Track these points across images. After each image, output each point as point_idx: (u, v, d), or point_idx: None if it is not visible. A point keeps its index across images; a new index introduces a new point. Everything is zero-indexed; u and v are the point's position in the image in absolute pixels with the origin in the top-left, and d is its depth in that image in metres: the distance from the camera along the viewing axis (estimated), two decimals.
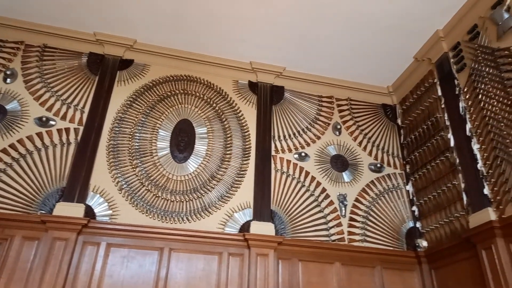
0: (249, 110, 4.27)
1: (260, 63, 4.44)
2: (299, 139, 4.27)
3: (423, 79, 4.21)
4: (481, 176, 3.25)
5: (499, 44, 3.24)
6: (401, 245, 3.93)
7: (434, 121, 3.95)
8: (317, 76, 4.62)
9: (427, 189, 3.95)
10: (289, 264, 3.53)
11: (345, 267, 3.64)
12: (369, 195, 4.13)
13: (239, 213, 3.71)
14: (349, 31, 3.96)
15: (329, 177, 4.13)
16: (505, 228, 2.90)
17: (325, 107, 4.56)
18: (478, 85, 3.41)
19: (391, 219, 4.05)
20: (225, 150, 4.00)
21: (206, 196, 3.73)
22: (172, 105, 4.11)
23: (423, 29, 3.88)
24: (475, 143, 3.38)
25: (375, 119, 4.65)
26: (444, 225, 3.65)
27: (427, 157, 4.01)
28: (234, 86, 4.39)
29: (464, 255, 3.29)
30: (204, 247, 3.42)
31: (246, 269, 3.39)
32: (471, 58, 3.54)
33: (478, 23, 3.49)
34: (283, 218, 3.78)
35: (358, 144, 4.43)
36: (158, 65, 4.27)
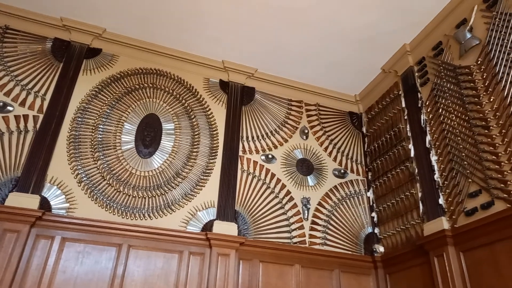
0: (218, 109, 4.25)
1: (232, 63, 4.43)
2: (267, 141, 4.30)
3: (388, 90, 4.36)
4: (437, 186, 3.40)
5: (461, 62, 3.41)
6: (359, 249, 4.04)
7: (396, 132, 4.10)
8: (288, 80, 4.67)
9: (387, 197, 4.09)
10: (249, 265, 3.54)
11: (304, 269, 3.70)
12: (331, 199, 4.22)
13: (202, 212, 3.67)
14: (321, 39, 4.03)
15: (294, 180, 4.18)
16: (457, 237, 3.06)
17: (294, 111, 4.62)
18: (439, 99, 3.58)
19: (351, 224, 4.16)
20: (192, 148, 3.95)
21: (169, 193, 3.67)
22: (140, 98, 4.01)
23: (392, 42, 4.02)
24: (433, 154, 3.54)
25: (341, 126, 4.76)
26: (400, 231, 3.79)
27: (388, 166, 4.15)
28: (204, 84, 4.35)
29: (417, 261, 3.44)
30: (164, 245, 3.36)
31: (206, 268, 3.36)
32: (434, 73, 3.71)
33: (443, 41, 3.67)
34: (246, 219, 3.79)
35: (324, 149, 4.51)
36: (127, 57, 4.16)
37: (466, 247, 2.98)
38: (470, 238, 2.94)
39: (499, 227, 2.72)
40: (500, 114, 2.93)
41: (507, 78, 2.90)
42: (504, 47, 2.97)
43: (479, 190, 2.99)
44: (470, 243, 2.95)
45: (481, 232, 2.85)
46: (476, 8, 3.31)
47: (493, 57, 3.05)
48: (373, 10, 3.65)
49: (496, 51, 3.04)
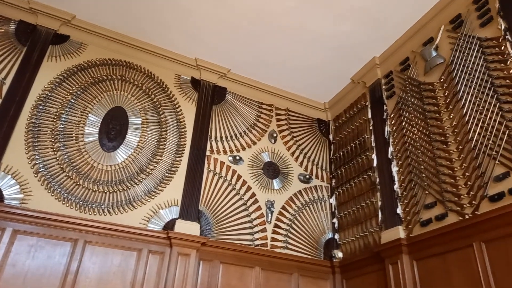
0: (188, 106, 4.20)
1: (205, 61, 4.39)
2: (236, 142, 4.29)
3: (356, 101, 4.48)
4: (396, 196, 3.53)
5: (425, 79, 3.56)
6: (318, 254, 4.11)
7: (361, 141, 4.21)
8: (260, 83, 4.69)
9: (348, 204, 4.20)
10: (210, 266, 3.51)
11: (264, 272, 3.72)
12: (295, 204, 4.28)
13: (165, 210, 3.61)
14: (295, 45, 4.08)
15: (260, 183, 4.20)
16: (411, 246, 3.18)
17: (264, 114, 4.65)
18: (403, 113, 3.71)
19: (313, 229, 4.23)
20: (159, 144, 3.88)
21: (132, 189, 3.58)
22: (107, 90, 3.89)
23: (362, 54, 4.14)
24: (395, 165, 3.67)
25: (309, 132, 4.84)
26: (359, 238, 3.90)
27: (351, 174, 4.26)
28: (176, 80, 4.29)
29: (373, 268, 3.54)
30: (123, 242, 3.27)
31: (165, 268, 3.30)
32: (400, 87, 3.85)
33: (410, 57, 3.82)
34: (209, 219, 3.76)
35: (291, 154, 4.57)
36: (97, 46, 4.03)
37: (420, 256, 3.10)
38: (424, 248, 3.07)
39: (451, 238, 2.85)
40: (458, 131, 3.08)
41: (466, 97, 3.06)
42: (466, 67, 3.13)
43: (435, 202, 3.13)
44: (423, 252, 3.07)
45: (434, 242, 2.98)
46: (443, 28, 3.48)
47: (455, 76, 3.21)
48: (346, 20, 3.74)
49: (458, 70, 3.20)
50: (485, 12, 3.09)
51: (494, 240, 2.57)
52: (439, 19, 3.52)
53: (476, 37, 3.11)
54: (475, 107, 2.96)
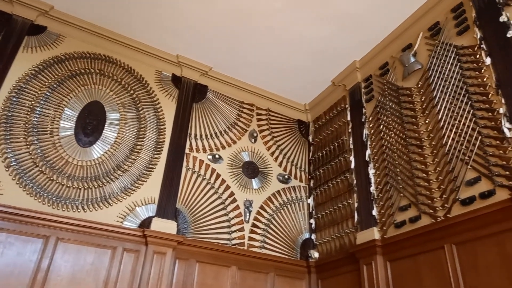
0: (168, 103, 4.15)
1: (187, 58, 4.35)
2: (215, 140, 4.27)
3: (336, 103, 4.54)
4: (372, 198, 3.59)
5: (403, 84, 3.64)
6: (295, 254, 4.14)
7: (340, 143, 4.27)
8: (242, 82, 4.68)
9: (325, 205, 4.24)
10: (186, 265, 3.48)
11: (241, 272, 3.72)
12: (273, 204, 4.29)
13: (141, 207, 3.56)
14: (277, 46, 4.10)
15: (239, 182, 4.19)
16: (385, 247, 3.25)
17: (245, 114, 4.64)
18: (381, 116, 3.78)
19: (290, 229, 4.26)
20: (137, 141, 3.81)
21: (108, 186, 3.51)
22: (84, 84, 3.80)
23: (343, 57, 4.19)
24: (372, 168, 3.74)
25: (289, 133, 4.87)
26: (335, 239, 3.95)
27: (329, 175, 4.31)
28: (156, 76, 4.23)
29: (348, 268, 3.60)
30: (97, 239, 3.20)
31: (140, 266, 3.25)
32: (379, 91, 3.92)
33: (389, 62, 3.89)
34: (187, 218, 3.73)
35: (270, 154, 4.58)
36: (75, 39, 3.93)
37: (393, 257, 3.17)
38: (397, 249, 3.14)
39: (424, 240, 2.92)
40: (433, 135, 3.16)
41: (442, 103, 3.15)
42: (442, 74, 3.22)
43: (409, 205, 3.20)
44: (396, 254, 3.14)
45: (408, 244, 3.05)
46: (421, 35, 3.56)
47: (432, 82, 3.30)
48: (329, 24, 3.78)
49: (435, 77, 3.28)
50: (462, 21, 3.18)
51: (464, 243, 2.65)
52: (418, 26, 3.60)
53: (453, 45, 3.20)
54: (450, 113, 3.05)
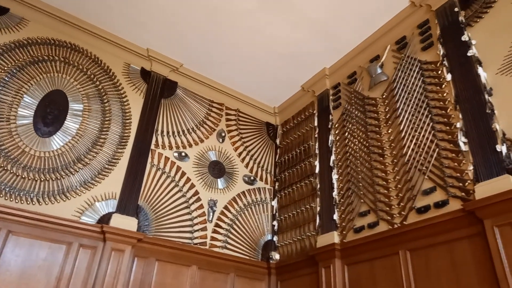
0: (136, 97, 4.05)
1: (157, 53, 4.27)
2: (182, 138, 4.22)
3: (305, 108, 4.61)
4: (334, 203, 3.68)
5: (369, 94, 3.76)
6: (256, 255, 4.17)
7: (306, 148, 4.34)
8: (212, 81, 4.66)
9: (289, 207, 4.30)
10: (145, 263, 3.41)
11: (201, 271, 3.69)
12: (238, 204, 4.30)
13: (101, 203, 3.45)
14: (250, 48, 4.11)
15: (204, 181, 4.16)
16: (344, 251, 3.33)
17: (214, 113, 4.62)
18: (347, 124, 3.89)
19: (253, 230, 4.28)
20: (100, 134, 3.69)
21: (66, 178, 3.37)
22: (47, 71, 3.64)
23: (313, 63, 4.26)
24: (335, 173, 3.83)
25: (257, 135, 4.89)
26: (296, 241, 4.01)
27: (294, 178, 4.37)
28: (124, 69, 4.12)
29: (307, 271, 3.66)
30: (52, 234, 3.07)
31: (96, 263, 3.15)
32: (346, 99, 4.02)
33: (358, 71, 4.01)
34: (149, 215, 3.65)
35: (237, 154, 4.58)
36: (40, 24, 3.75)
37: (351, 261, 3.26)
38: (355, 253, 3.23)
39: (380, 245, 3.03)
40: (394, 145, 3.29)
41: (404, 114, 3.28)
42: (406, 86, 3.35)
43: (368, 211, 3.30)
44: (354, 258, 3.23)
45: (365, 248, 3.15)
46: (389, 47, 3.69)
47: (396, 94, 3.43)
48: (301, 29, 3.84)
49: (399, 89, 3.41)
50: (427, 37, 3.33)
51: (417, 249, 2.77)
52: (387, 38, 3.73)
53: (417, 59, 3.34)
54: (411, 125, 3.18)
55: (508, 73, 2.64)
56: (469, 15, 3.03)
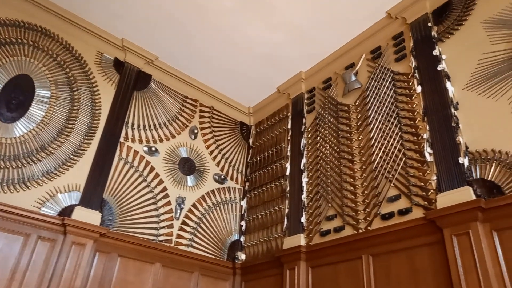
0: (107, 88, 3.94)
1: (133, 44, 4.17)
2: (153, 132, 4.14)
3: (279, 110, 4.63)
4: (302, 206, 3.71)
5: (343, 100, 3.82)
6: (222, 255, 4.14)
7: (278, 149, 4.36)
8: (187, 76, 4.59)
9: (258, 208, 4.30)
10: (106, 258, 3.31)
11: (165, 269, 3.63)
12: (206, 203, 4.26)
13: (64, 194, 3.32)
14: (227, 46, 4.08)
15: (174, 178, 4.09)
16: (309, 254, 3.37)
17: (187, 109, 4.56)
18: (319, 128, 3.94)
19: (220, 229, 4.25)
20: (67, 123, 3.56)
21: (28, 167, 3.23)
22: (14, 54, 3.47)
23: (290, 66, 4.29)
24: (305, 176, 3.86)
25: (231, 134, 4.87)
26: (263, 242, 4.01)
27: (265, 179, 4.38)
28: (97, 58, 3.99)
29: (272, 272, 3.67)
30: (9, 224, 2.93)
31: (55, 257, 3.03)
32: (320, 104, 4.08)
33: (333, 77, 4.07)
34: (113, 209, 3.56)
35: (209, 152, 4.54)
36: (7, 5, 3.56)
37: (315, 264, 3.30)
38: (320, 256, 3.27)
39: (344, 249, 3.08)
40: (364, 152, 3.36)
41: (375, 122, 3.35)
42: (378, 95, 3.43)
43: (335, 215, 3.36)
44: (319, 261, 3.27)
45: (330, 252, 3.19)
46: (364, 56, 3.77)
47: (368, 102, 3.50)
48: (279, 32, 3.86)
49: (371, 97, 3.49)
50: (401, 49, 3.42)
51: (379, 255, 2.84)
52: (362, 47, 3.81)
53: (391, 70, 3.43)
54: (381, 133, 3.26)
55: (474, 89, 2.75)
56: (441, 30, 3.14)
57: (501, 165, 2.42)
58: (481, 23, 2.88)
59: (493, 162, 2.46)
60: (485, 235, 2.29)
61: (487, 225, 2.31)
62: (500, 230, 2.25)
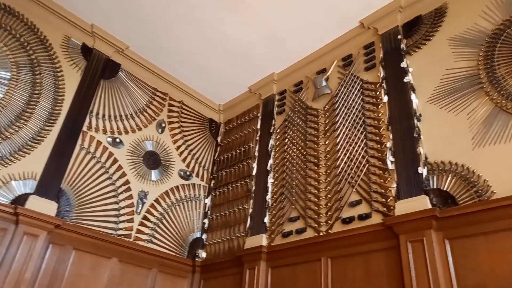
0: (72, 74, 3.78)
1: (103, 31, 4.03)
2: (119, 123, 4.02)
3: (250, 109, 4.63)
4: (266, 206, 3.73)
5: (312, 104, 3.88)
6: (183, 252, 4.08)
7: (246, 149, 4.36)
8: (159, 68, 4.50)
9: (222, 206, 4.28)
10: (60, 251, 3.18)
11: (122, 264, 3.53)
12: (170, 198, 4.18)
13: (18, 182, 3.16)
14: (201, 41, 4.04)
15: (137, 171, 4.00)
16: (270, 254, 3.39)
17: (156, 102, 4.46)
18: (288, 130, 3.97)
19: (182, 226, 4.19)
20: (26, 107, 3.39)
21: None
22: None
23: (263, 67, 4.30)
24: (271, 177, 3.88)
25: (199, 130, 4.81)
26: (225, 241, 4.00)
27: (231, 178, 4.36)
28: (63, 42, 3.83)
29: (233, 271, 3.67)
30: None
31: (4, 247, 2.88)
32: (290, 106, 4.11)
33: (304, 81, 4.11)
34: (71, 200, 3.42)
35: (176, 147, 4.47)
36: None
37: (275, 264, 3.32)
38: (280, 257, 3.30)
39: (305, 251, 3.13)
40: (329, 156, 3.42)
41: (342, 128, 3.43)
42: (347, 102, 3.51)
43: (298, 217, 3.39)
44: (279, 261, 3.30)
45: (290, 253, 3.23)
46: (335, 63, 3.84)
47: (337, 108, 3.57)
48: (254, 32, 3.86)
49: (340, 104, 3.56)
50: (371, 59, 3.52)
51: (338, 257, 2.90)
52: (334, 54, 3.88)
53: (360, 78, 3.51)
54: (347, 139, 3.33)
55: (436, 102, 2.87)
56: (410, 44, 3.26)
57: (456, 176, 2.54)
58: (447, 40, 3.01)
59: (449, 174, 2.58)
60: (438, 243, 2.39)
61: (440, 233, 2.41)
62: (452, 238, 2.36)
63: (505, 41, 2.66)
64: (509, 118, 2.46)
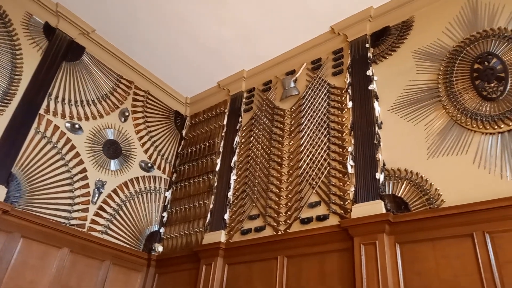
0: (32, 53, 3.58)
1: (68, 11, 3.84)
2: (79, 109, 3.86)
3: (217, 105, 4.60)
4: (227, 203, 3.72)
5: (280, 104, 3.91)
6: (138, 245, 3.99)
7: (211, 144, 4.33)
8: (125, 55, 4.36)
9: (182, 201, 4.23)
10: (7, 238, 3.01)
11: (73, 255, 3.40)
12: (129, 190, 4.08)
13: None
14: (172, 32, 3.95)
15: (95, 160, 3.86)
16: (227, 251, 3.39)
17: (121, 89, 4.32)
18: (254, 128, 3.98)
19: (140, 218, 4.10)
20: None
21: None
22: None
23: (233, 63, 4.28)
24: (234, 174, 3.88)
25: (164, 122, 4.72)
26: (183, 236, 3.95)
27: (193, 173, 4.32)
28: (24, 18, 3.62)
29: (188, 266, 3.63)
30: None
31: None
32: (257, 105, 4.12)
33: (273, 80, 4.14)
34: (22, 186, 3.25)
35: (138, 138, 4.36)
36: None
37: (232, 261, 3.33)
38: (238, 254, 3.31)
39: (262, 249, 3.15)
40: (292, 157, 3.47)
41: (307, 130, 3.48)
42: (313, 105, 3.57)
43: (258, 215, 3.42)
44: (236, 258, 3.31)
45: (248, 250, 3.24)
46: (305, 65, 3.89)
47: (303, 110, 3.62)
48: (226, 27, 3.83)
49: (306, 106, 3.62)
50: (339, 64, 3.59)
51: (294, 257, 2.95)
52: (304, 56, 3.93)
53: (327, 82, 3.58)
54: (311, 141, 3.39)
55: (397, 111, 2.98)
56: (376, 53, 3.36)
57: (411, 184, 2.65)
58: (411, 52, 3.13)
59: (404, 181, 2.69)
60: (390, 246, 2.49)
61: (392, 237, 2.51)
62: (402, 243, 2.46)
63: (464, 58, 2.81)
64: (462, 131, 2.60)
